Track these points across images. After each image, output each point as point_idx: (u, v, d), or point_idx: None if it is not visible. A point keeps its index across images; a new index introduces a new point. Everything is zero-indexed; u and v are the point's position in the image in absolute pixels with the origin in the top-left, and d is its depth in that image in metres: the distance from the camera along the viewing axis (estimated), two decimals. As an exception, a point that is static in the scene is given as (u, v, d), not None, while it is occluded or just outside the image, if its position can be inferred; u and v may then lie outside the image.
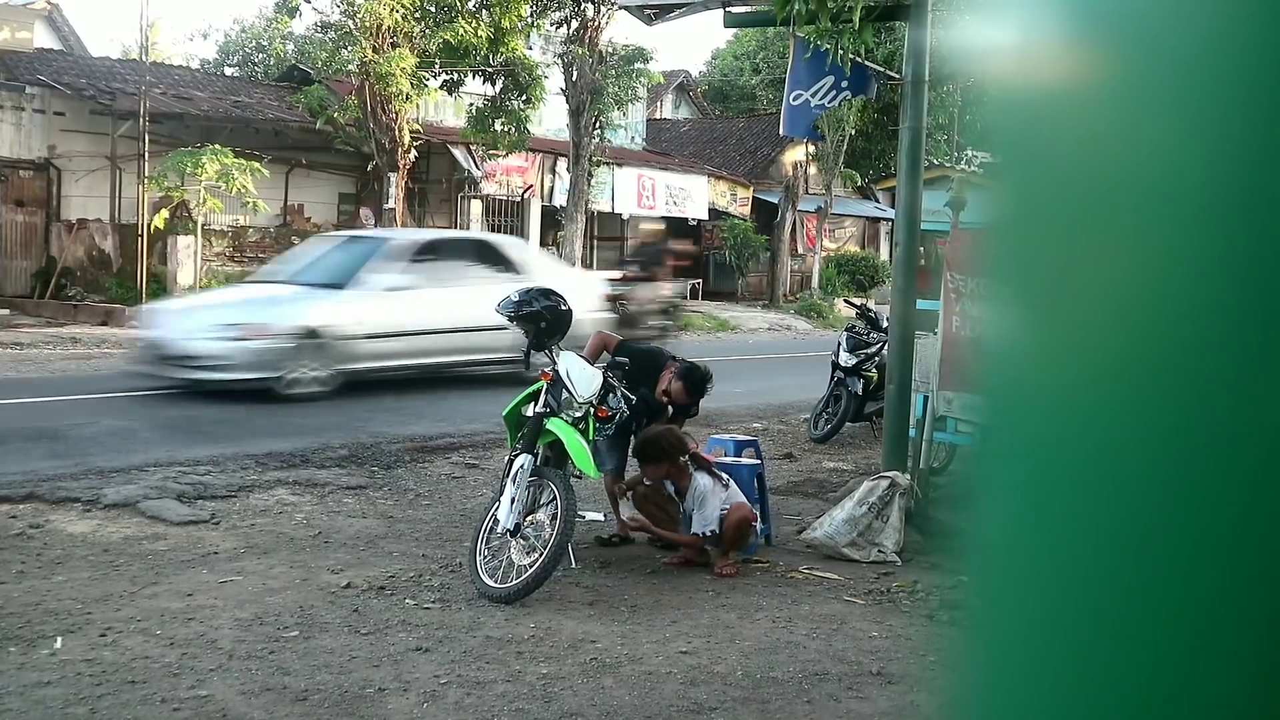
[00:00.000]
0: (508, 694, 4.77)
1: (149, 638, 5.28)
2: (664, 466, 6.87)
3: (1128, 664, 0.75)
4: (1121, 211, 0.77)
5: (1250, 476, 0.70)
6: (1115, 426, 0.77)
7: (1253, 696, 0.71)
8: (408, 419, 11.83)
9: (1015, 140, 0.89)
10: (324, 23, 25.01)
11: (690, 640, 5.54)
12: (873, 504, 7.32)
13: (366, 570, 6.50)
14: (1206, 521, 0.72)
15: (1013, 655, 0.86)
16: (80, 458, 9.13)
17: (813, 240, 34.44)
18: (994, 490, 0.90)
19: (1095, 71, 0.80)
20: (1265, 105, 0.69)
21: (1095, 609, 0.78)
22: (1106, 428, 0.77)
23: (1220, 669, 0.71)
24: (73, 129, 23.40)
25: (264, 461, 9.28)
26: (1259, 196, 0.70)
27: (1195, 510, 0.72)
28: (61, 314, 21.13)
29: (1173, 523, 0.73)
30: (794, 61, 9.04)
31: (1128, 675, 0.75)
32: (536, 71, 24.29)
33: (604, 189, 30.09)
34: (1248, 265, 0.70)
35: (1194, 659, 0.72)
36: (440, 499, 8.49)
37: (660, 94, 40.42)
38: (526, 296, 7.03)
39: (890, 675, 5.23)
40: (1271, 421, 0.69)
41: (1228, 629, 0.71)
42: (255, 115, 25.66)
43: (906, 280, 8.47)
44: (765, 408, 13.87)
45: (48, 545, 6.78)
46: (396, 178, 23.02)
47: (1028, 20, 0.86)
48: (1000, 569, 0.88)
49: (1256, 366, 0.70)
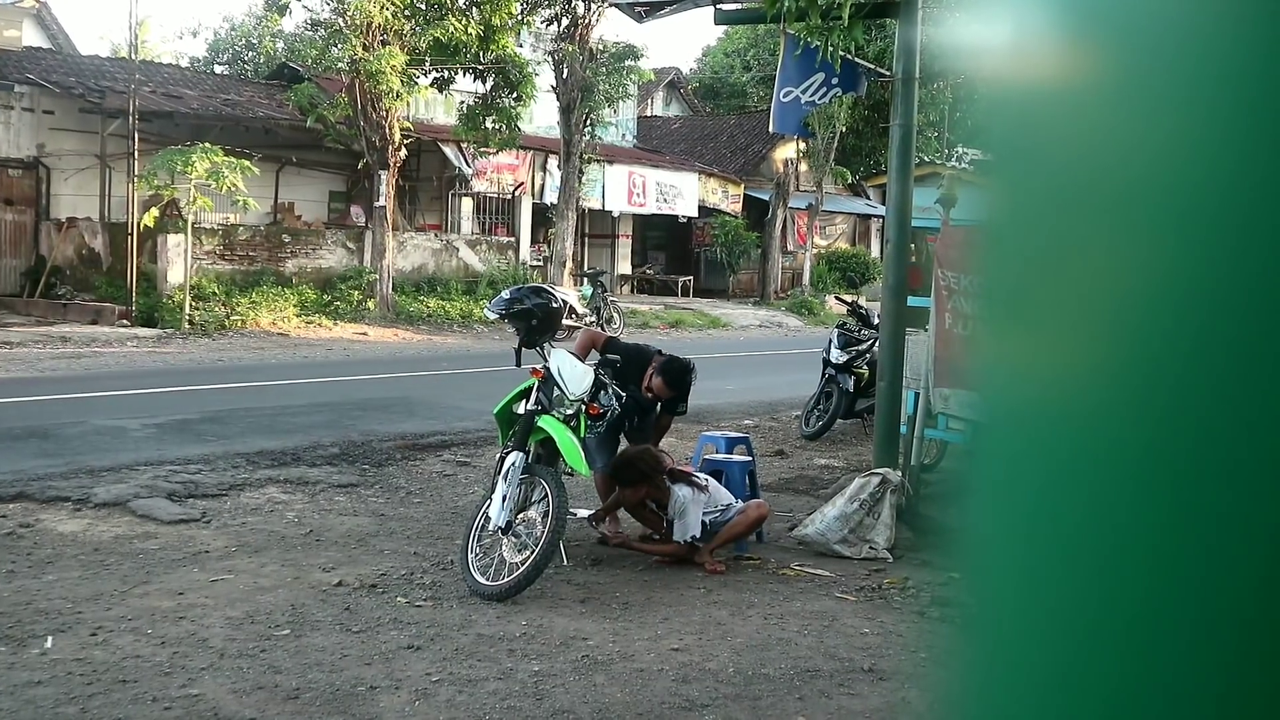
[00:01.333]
0: (499, 692, 4.76)
1: (140, 637, 5.27)
2: (643, 488, 6.95)
3: (1119, 660, 0.76)
4: (1113, 208, 0.77)
5: (1244, 473, 0.70)
6: (1107, 423, 0.77)
7: (1240, 688, 0.71)
8: (399, 417, 11.82)
9: (1006, 137, 0.89)
10: (314, 20, 24.96)
11: (682, 637, 5.55)
12: (864, 501, 7.33)
13: (358, 568, 6.49)
14: (1200, 517, 0.72)
15: (1004, 651, 0.86)
16: (70, 457, 9.10)
17: (803, 237, 34.48)
18: (986, 487, 0.90)
19: (1086, 68, 0.80)
20: (1259, 102, 0.70)
21: (1087, 605, 0.78)
22: (1098, 425, 0.78)
23: (1208, 663, 0.72)
24: (62, 127, 23.33)
25: (255, 460, 9.26)
26: (1252, 194, 0.70)
27: (1190, 506, 0.72)
28: (51, 313, 21.07)
29: (1167, 519, 0.73)
30: (784, 58, 9.05)
31: (1119, 671, 0.76)
32: (527, 69, 24.25)
33: (595, 186, 30.08)
34: (1241, 262, 0.70)
35: (1186, 653, 0.72)
36: (432, 497, 8.49)
37: (651, 91, 40.40)
38: (518, 294, 7.02)
39: (882, 672, 5.24)
40: (1265, 417, 0.69)
41: (1216, 623, 0.71)
42: (245, 113, 25.60)
43: (897, 277, 8.49)
44: (756, 405, 13.88)
45: (38, 545, 6.76)
46: (387, 175, 22.98)
47: (1018, 17, 0.86)
48: (992, 565, 0.88)
49: (1250, 364, 0.70)
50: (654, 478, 6.92)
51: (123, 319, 19.98)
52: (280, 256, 23.31)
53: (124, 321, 19.91)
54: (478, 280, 26.11)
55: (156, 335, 19.03)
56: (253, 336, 19.67)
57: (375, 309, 22.82)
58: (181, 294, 20.10)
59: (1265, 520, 0.69)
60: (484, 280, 25.98)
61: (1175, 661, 0.73)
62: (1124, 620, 0.75)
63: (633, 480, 6.94)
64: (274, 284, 22.24)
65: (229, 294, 21.23)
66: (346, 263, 24.15)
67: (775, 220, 33.45)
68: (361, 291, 23.06)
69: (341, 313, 22.14)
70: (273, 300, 21.24)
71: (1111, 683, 0.76)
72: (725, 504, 7.02)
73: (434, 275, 25.93)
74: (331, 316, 21.77)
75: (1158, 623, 0.73)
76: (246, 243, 22.96)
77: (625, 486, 7.00)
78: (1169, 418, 0.73)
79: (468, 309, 24.01)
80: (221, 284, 21.61)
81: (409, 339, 21.26)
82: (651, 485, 6.94)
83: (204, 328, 19.60)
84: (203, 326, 19.64)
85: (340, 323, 21.58)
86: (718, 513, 6.94)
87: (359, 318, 22.22)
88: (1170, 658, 0.73)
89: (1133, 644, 0.75)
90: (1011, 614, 0.85)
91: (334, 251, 24.21)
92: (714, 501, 6.94)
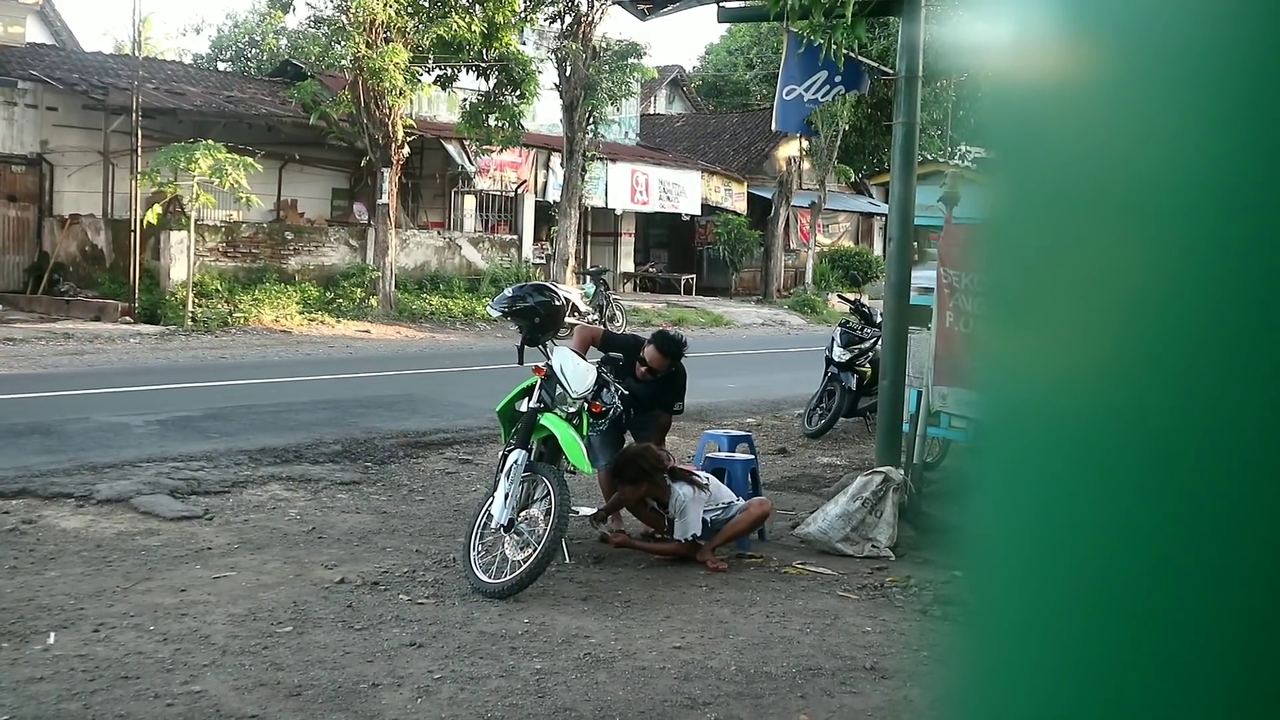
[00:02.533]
0: (501, 689, 4.77)
1: (142, 633, 5.27)
2: (644, 486, 6.95)
3: (1121, 659, 0.76)
4: (1116, 207, 0.77)
5: (1246, 472, 0.70)
6: (1109, 422, 0.77)
7: (1242, 687, 0.71)
8: (401, 414, 11.82)
9: (1009, 136, 0.88)
10: (317, 17, 24.96)
11: (684, 635, 5.55)
12: (866, 499, 7.33)
13: (360, 566, 6.50)
14: (1202, 516, 0.72)
15: (1007, 650, 0.86)
16: (73, 453, 9.11)
17: (806, 235, 34.47)
18: (988, 485, 0.90)
19: (1089, 66, 0.80)
20: (1262, 101, 0.69)
21: (1089, 603, 0.78)
22: (1101, 423, 0.77)
23: (1210, 663, 0.71)
24: (65, 124, 23.33)
25: (257, 457, 9.27)
26: (1255, 194, 0.70)
27: (1192, 505, 0.72)
28: (54, 309, 21.07)
29: (1169, 518, 0.73)
30: (787, 56, 9.04)
31: (1121, 670, 0.76)
32: (530, 67, 24.24)
33: (597, 184, 30.07)
34: (1244, 262, 0.70)
35: (1187, 652, 0.72)
36: (434, 494, 8.49)
37: (654, 89, 40.37)
38: (520, 292, 7.02)
39: (884, 670, 5.24)
40: (1269, 416, 0.69)
41: (1219, 622, 0.71)
42: (248, 110, 25.59)
43: (900, 275, 8.48)
44: (759, 403, 13.87)
45: (41, 541, 6.77)
46: (390, 173, 22.98)
47: (1022, 15, 0.86)
48: (994, 564, 0.88)
49: (1254, 363, 0.70)
50: (655, 476, 6.93)
51: (125, 316, 19.98)
52: (283, 254, 23.31)
53: (127, 318, 19.91)
54: (480, 278, 26.11)
55: (159, 332, 19.04)
56: (255, 334, 19.68)
57: (378, 306, 22.82)
58: (184, 291, 20.09)
59: (1267, 520, 0.69)
60: (486, 278, 25.98)
61: (1177, 661, 0.73)
62: (1126, 619, 0.75)
63: (634, 478, 6.94)
64: (277, 281, 22.25)
65: (231, 291, 21.23)
66: (349, 260, 24.15)
67: (778, 218, 33.43)
68: (364, 289, 23.06)
69: (344, 310, 22.14)
70: (275, 297, 21.23)
71: (1113, 681, 0.76)
72: (726, 501, 7.02)
73: (436, 273, 25.93)
74: (334, 314, 21.77)
75: (1159, 622, 0.73)
76: (249, 240, 22.97)
77: (626, 484, 7.00)
78: (1171, 417, 0.73)
79: (470, 307, 24.01)
80: (224, 281, 21.61)
81: (411, 336, 21.26)
82: (652, 484, 6.95)
83: (206, 325, 19.60)
84: (205, 324, 19.64)
85: (343, 320, 21.58)
86: (719, 510, 6.94)
87: (361, 315, 22.21)
88: (1171, 657, 0.73)
89: (1134, 642, 0.75)
90: (1013, 612, 0.85)
91: (337, 249, 24.21)
92: (715, 500, 6.95)
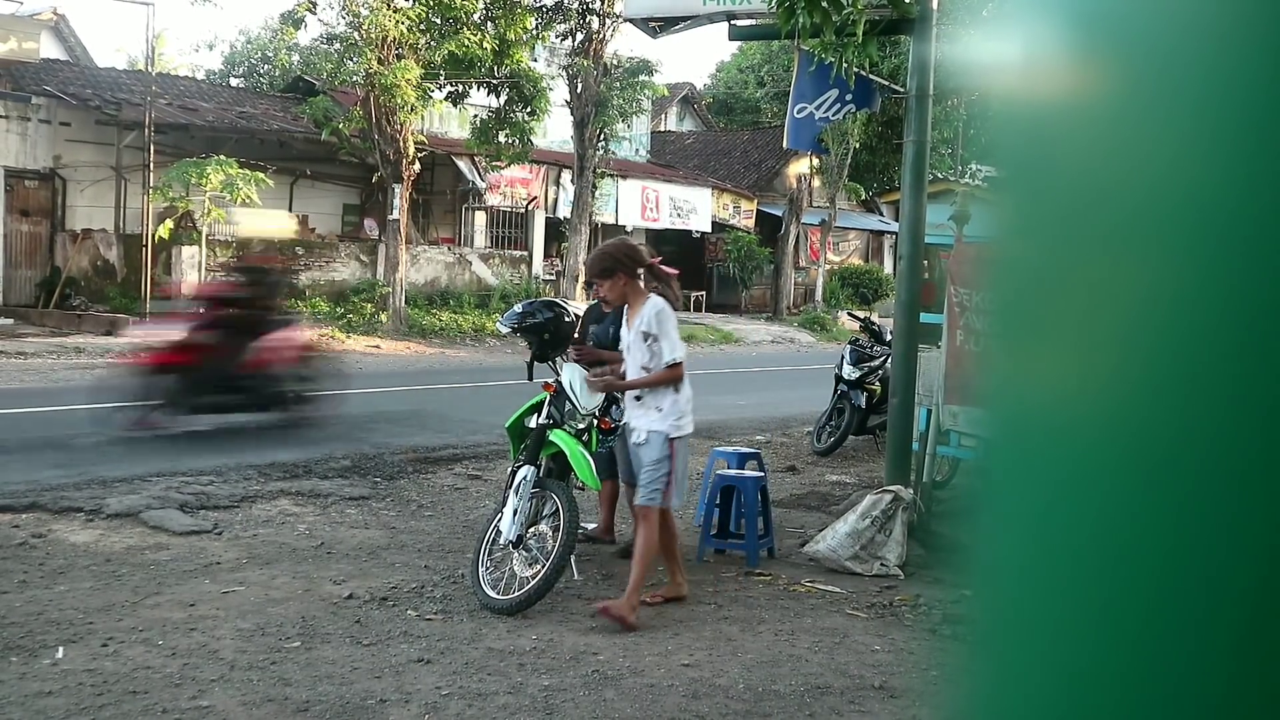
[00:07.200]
0: (509, 706, 4.76)
1: (151, 648, 5.27)
2: (621, 278, 6.12)
3: (1128, 677, 0.75)
4: (1126, 226, 0.77)
5: (1252, 490, 0.70)
6: (1117, 440, 0.77)
7: (1245, 708, 0.70)
8: (410, 430, 11.83)
9: (1019, 155, 0.89)
10: (329, 34, 25.11)
11: (692, 653, 5.53)
12: (875, 517, 7.30)
13: (369, 581, 6.49)
14: (1208, 535, 0.71)
15: (1015, 670, 0.86)
16: (83, 467, 9.13)
17: (816, 253, 34.50)
18: (997, 505, 0.90)
19: (1099, 86, 0.80)
20: (1268, 119, 0.70)
21: (1098, 624, 0.77)
22: (1108, 442, 0.77)
23: (1215, 680, 0.71)
24: (78, 139, 23.46)
25: (267, 472, 9.28)
26: (1262, 212, 0.70)
27: (1198, 524, 0.72)
28: (65, 324, 21.15)
29: (1175, 537, 0.73)
30: (799, 75, 9.07)
31: (1127, 688, 0.75)
32: (541, 83, 24.34)
33: (608, 201, 30.14)
34: (1250, 279, 0.70)
35: (1193, 671, 0.72)
36: (443, 510, 8.49)
37: (665, 106, 40.49)
38: (530, 308, 7.02)
39: (892, 689, 5.21)
40: (1275, 435, 0.69)
41: (1224, 641, 0.71)
42: (260, 126, 25.71)
43: (910, 294, 8.48)
44: (768, 420, 13.86)
45: (50, 555, 6.78)
46: (401, 189, 23.06)
47: (1032, 35, 0.86)
48: (1003, 583, 0.88)
49: (1261, 381, 0.70)
50: (632, 269, 6.11)
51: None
52: (294, 269, 23.40)
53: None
54: (490, 294, 26.18)
55: (170, 347, 19.06)
56: (266, 348, 19.67)
57: (388, 322, 22.86)
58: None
59: (1272, 538, 0.68)
60: (496, 294, 26.04)
61: (1183, 679, 0.73)
62: (1132, 637, 0.75)
63: (609, 270, 6.10)
64: (287, 296, 22.29)
65: (242, 306, 21.26)
66: (360, 275, 24.22)
67: (788, 236, 33.47)
68: (374, 304, 23.11)
69: (354, 325, 22.17)
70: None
71: (1120, 700, 0.76)
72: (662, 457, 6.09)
73: (447, 288, 26.00)
74: (344, 329, 21.81)
75: (1166, 640, 0.73)
76: (260, 255, 23.05)
77: (600, 278, 6.17)
78: (1178, 435, 0.73)
79: (480, 322, 24.05)
80: (235, 296, 21.65)
81: (421, 352, 21.29)
82: (629, 280, 6.12)
83: (217, 339, 19.62)
84: (216, 338, 19.66)
85: (353, 335, 21.61)
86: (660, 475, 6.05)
87: (372, 330, 22.26)
88: (1178, 676, 0.73)
89: (1141, 661, 0.75)
90: (1021, 631, 0.85)
91: (347, 264, 24.29)
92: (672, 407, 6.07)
